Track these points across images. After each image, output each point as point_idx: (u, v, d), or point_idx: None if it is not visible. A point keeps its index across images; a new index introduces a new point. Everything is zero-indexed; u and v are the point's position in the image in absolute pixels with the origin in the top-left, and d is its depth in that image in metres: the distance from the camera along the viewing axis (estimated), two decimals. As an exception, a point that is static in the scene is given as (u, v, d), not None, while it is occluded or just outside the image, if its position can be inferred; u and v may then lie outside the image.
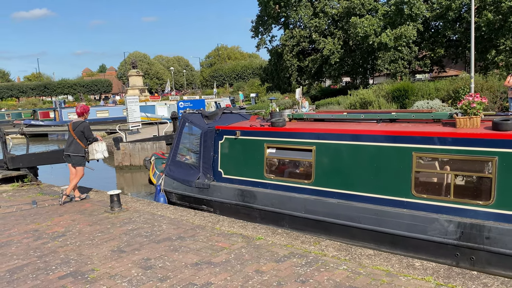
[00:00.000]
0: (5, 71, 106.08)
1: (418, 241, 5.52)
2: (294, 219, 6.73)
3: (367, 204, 5.99)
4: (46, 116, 40.21)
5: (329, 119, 7.53)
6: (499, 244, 4.92)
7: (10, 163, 11.11)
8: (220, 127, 8.02)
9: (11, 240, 6.19)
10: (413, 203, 5.61)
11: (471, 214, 5.18)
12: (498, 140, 5.06)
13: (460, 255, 5.25)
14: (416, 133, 5.70)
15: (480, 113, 5.57)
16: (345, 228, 6.17)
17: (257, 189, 7.26)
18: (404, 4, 30.04)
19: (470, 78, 19.99)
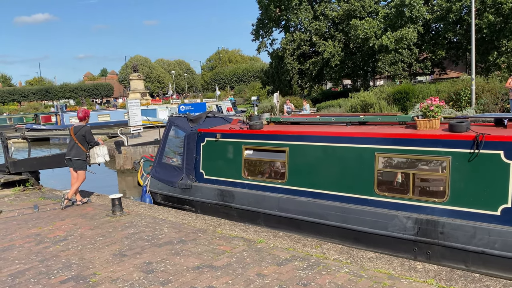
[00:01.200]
0: (6, 76, 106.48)
1: (380, 237, 5.74)
2: (268, 217, 7.00)
3: (334, 202, 6.25)
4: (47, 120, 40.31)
5: (304, 122, 7.81)
6: (451, 239, 5.19)
7: (12, 168, 11.12)
8: (201, 130, 8.31)
9: (13, 244, 6.19)
10: (375, 201, 5.85)
11: (428, 211, 5.42)
12: (451, 141, 5.34)
13: (417, 250, 5.47)
14: (378, 135, 5.97)
15: (439, 116, 5.81)
16: (314, 225, 6.43)
17: (235, 189, 7.55)
18: (404, 7, 30.09)
19: (471, 80, 19.98)
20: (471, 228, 5.05)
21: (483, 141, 5.05)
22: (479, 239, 5.00)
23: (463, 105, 20.07)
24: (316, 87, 43.38)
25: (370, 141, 5.99)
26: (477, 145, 5.09)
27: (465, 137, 5.26)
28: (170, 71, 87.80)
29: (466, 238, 5.09)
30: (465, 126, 5.41)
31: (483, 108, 18.82)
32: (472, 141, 5.15)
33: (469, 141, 5.19)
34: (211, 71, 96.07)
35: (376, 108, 21.78)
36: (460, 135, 5.33)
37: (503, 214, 4.90)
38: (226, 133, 7.88)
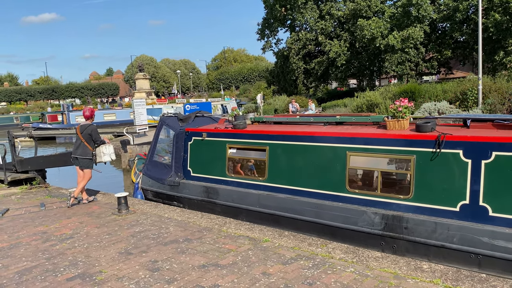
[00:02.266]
0: (13, 75, 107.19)
1: (351, 232, 5.99)
2: (250, 213, 7.26)
3: (309, 199, 6.52)
4: (54, 119, 40.56)
5: (285, 122, 8.03)
6: (415, 234, 5.41)
7: (18, 166, 11.20)
8: (189, 129, 8.59)
9: (20, 242, 6.24)
10: (347, 197, 6.14)
11: (394, 207, 5.67)
12: (415, 140, 5.59)
13: (384, 244, 5.72)
14: (350, 135, 6.26)
15: (407, 117, 6.03)
16: (292, 221, 6.70)
17: (219, 186, 7.83)
18: (411, 6, 29.93)
19: (478, 79, 19.85)
20: (432, 223, 5.28)
21: (444, 141, 5.27)
22: (439, 233, 5.23)
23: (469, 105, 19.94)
24: (322, 86, 43.29)
25: (342, 141, 6.27)
26: (438, 145, 5.31)
27: (428, 137, 5.48)
28: (175, 71, 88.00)
29: (428, 233, 5.31)
30: (430, 127, 5.62)
31: (490, 108, 18.70)
32: (434, 140, 5.37)
33: (431, 141, 5.41)
34: (217, 71, 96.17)
35: (382, 108, 21.68)
36: (423, 135, 5.55)
37: (462, 210, 5.14)
38: (211, 132, 8.17)
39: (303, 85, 41.56)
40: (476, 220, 5.01)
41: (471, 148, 5.11)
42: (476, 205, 5.05)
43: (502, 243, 4.74)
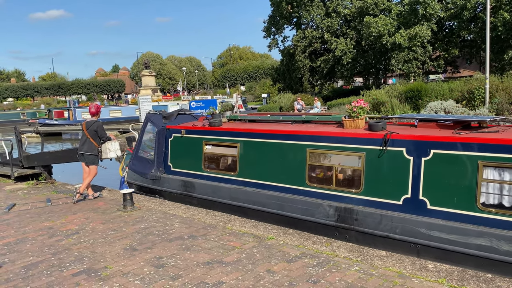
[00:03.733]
0: (20, 71, 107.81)
1: (309, 223, 6.40)
2: (222, 205, 7.69)
3: (273, 192, 6.96)
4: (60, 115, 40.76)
5: (258, 120, 8.59)
6: (363, 225, 5.82)
7: (25, 162, 11.28)
8: (170, 127, 9.03)
9: (26, 237, 6.29)
10: (306, 191, 6.57)
11: (346, 200, 6.08)
12: (365, 139, 5.99)
13: (338, 234, 6.11)
14: (309, 133, 6.68)
15: (362, 116, 6.47)
16: (258, 212, 7.12)
17: (196, 180, 8.29)
18: (418, 4, 29.71)
19: (485, 78, 19.70)
20: (378, 215, 5.68)
21: (389, 139, 5.68)
22: (384, 225, 5.62)
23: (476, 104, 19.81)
24: (327, 84, 43.13)
25: (303, 138, 6.70)
26: (385, 143, 5.72)
27: (376, 136, 5.89)
28: (181, 68, 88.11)
29: (374, 224, 5.71)
30: (381, 126, 6.06)
31: (497, 107, 18.56)
32: (381, 139, 5.77)
33: (379, 139, 5.81)
34: (222, 68, 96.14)
35: (388, 106, 21.58)
36: (372, 134, 5.97)
37: (404, 204, 5.54)
38: (189, 129, 8.62)
39: (308, 83, 41.42)
40: (416, 213, 5.41)
41: (413, 146, 5.51)
42: (416, 199, 5.44)
43: (437, 233, 5.16)
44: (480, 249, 4.82)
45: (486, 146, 4.95)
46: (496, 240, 4.70)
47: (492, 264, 4.75)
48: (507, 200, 4.80)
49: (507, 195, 4.80)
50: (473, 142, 5.05)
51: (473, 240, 4.87)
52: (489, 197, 4.92)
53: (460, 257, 4.97)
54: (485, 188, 4.93)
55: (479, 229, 4.85)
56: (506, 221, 4.74)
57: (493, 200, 4.90)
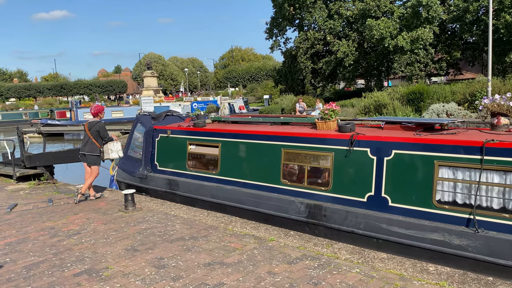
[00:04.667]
0: (23, 71, 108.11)
1: (283, 219, 6.68)
2: (204, 202, 7.98)
3: (251, 190, 7.24)
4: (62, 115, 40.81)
5: (240, 121, 8.89)
6: (331, 221, 6.10)
7: (27, 162, 11.31)
8: (156, 127, 9.33)
9: (27, 237, 6.30)
10: (281, 188, 6.85)
11: (316, 197, 6.37)
12: (334, 139, 6.30)
13: (308, 230, 6.37)
14: (284, 134, 6.99)
15: (333, 118, 6.74)
16: (236, 209, 7.39)
17: (180, 179, 8.58)
18: (420, 7, 29.70)
19: (487, 81, 19.69)
20: (344, 212, 5.97)
21: (355, 140, 5.97)
22: (349, 220, 5.90)
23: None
24: (329, 86, 43.11)
25: (278, 139, 7.01)
26: (351, 143, 6.01)
27: (343, 136, 6.18)
28: (183, 69, 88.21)
29: (341, 220, 5.99)
30: (349, 128, 6.32)
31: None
32: (348, 140, 6.07)
33: (346, 140, 6.11)
34: (224, 69, 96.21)
35: (389, 109, 21.54)
36: (341, 135, 6.26)
37: (368, 201, 5.83)
38: (174, 130, 8.93)
39: (310, 85, 41.44)
40: (378, 209, 5.69)
41: (376, 146, 5.81)
42: (379, 196, 5.73)
43: (396, 229, 5.42)
44: (434, 243, 5.09)
45: (441, 147, 5.24)
46: (448, 234, 4.99)
47: (444, 257, 5.00)
48: (460, 198, 5.09)
49: (459, 192, 5.09)
50: (430, 143, 5.34)
51: (428, 235, 5.14)
52: (444, 195, 5.19)
53: (416, 251, 5.21)
54: (441, 186, 5.21)
55: (433, 225, 5.13)
56: (458, 217, 5.01)
57: (447, 198, 5.18)
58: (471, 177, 4.97)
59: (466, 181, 5.01)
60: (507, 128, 5.58)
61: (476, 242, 4.78)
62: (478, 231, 4.78)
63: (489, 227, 4.76)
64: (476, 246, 4.78)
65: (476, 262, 4.75)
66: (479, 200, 4.90)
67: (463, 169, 5.04)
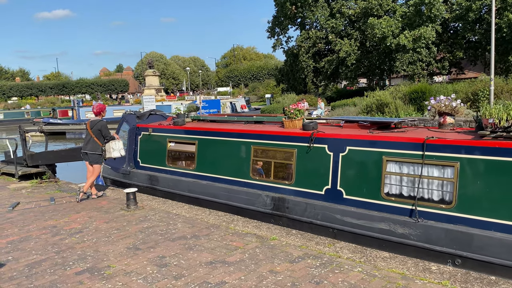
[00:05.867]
0: (25, 70, 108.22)
1: (251, 212, 7.17)
2: (182, 197, 8.45)
3: (224, 184, 7.71)
4: (64, 114, 40.84)
5: (217, 120, 9.46)
6: (293, 212, 6.58)
7: (29, 160, 11.32)
8: (139, 125, 9.80)
9: (30, 235, 6.31)
10: (250, 183, 7.32)
11: (281, 191, 6.84)
12: (296, 137, 6.76)
13: (274, 221, 6.85)
14: (253, 131, 7.45)
15: (298, 117, 7.17)
16: (210, 203, 7.86)
17: (160, 174, 9.07)
18: (423, 5, 29.61)
19: (490, 80, 19.62)
20: (304, 204, 6.44)
21: (315, 137, 6.44)
22: (309, 212, 6.37)
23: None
24: (331, 85, 43.04)
25: (248, 136, 7.46)
26: (311, 140, 6.47)
27: (304, 134, 6.63)
28: (185, 68, 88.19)
29: (301, 211, 6.46)
30: (312, 126, 6.73)
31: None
32: (309, 137, 6.51)
33: (307, 137, 6.55)
34: (226, 68, 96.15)
35: (391, 108, 21.49)
36: (302, 133, 6.70)
37: (326, 193, 6.29)
38: (156, 128, 9.42)
39: (312, 84, 41.38)
40: (334, 201, 6.16)
41: (332, 143, 6.29)
42: (335, 189, 6.19)
43: (349, 219, 5.88)
44: (381, 232, 5.52)
45: (388, 143, 5.70)
46: (393, 224, 5.42)
47: (390, 245, 5.43)
48: (404, 190, 5.51)
49: (404, 186, 5.50)
50: (379, 140, 5.82)
51: (376, 225, 5.58)
52: (391, 188, 5.62)
53: (367, 240, 5.68)
54: (388, 180, 5.63)
55: (381, 215, 5.57)
56: (402, 208, 5.45)
57: (394, 191, 5.60)
58: (414, 171, 5.39)
59: (410, 175, 5.43)
60: (452, 127, 6.15)
61: (417, 231, 5.21)
62: (418, 220, 5.21)
63: (428, 217, 5.21)
64: (416, 234, 5.21)
65: (417, 249, 5.19)
66: (421, 192, 5.31)
67: (407, 164, 5.47)
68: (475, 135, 5.29)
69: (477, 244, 4.74)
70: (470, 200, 4.94)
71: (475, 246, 4.75)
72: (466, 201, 4.95)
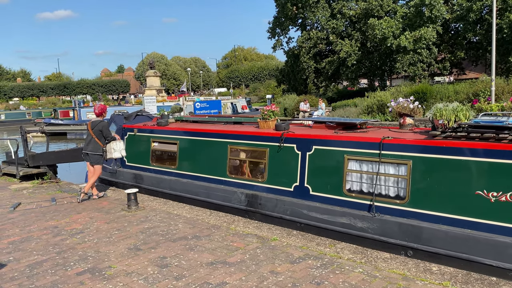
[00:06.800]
0: (26, 71, 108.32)
1: (228, 208, 7.54)
2: (164, 194, 8.82)
3: (203, 182, 8.05)
4: (66, 115, 40.87)
5: (200, 121, 9.89)
6: (265, 208, 6.93)
7: (30, 161, 11.34)
8: (125, 126, 10.13)
9: (31, 236, 6.32)
10: (227, 181, 7.67)
11: (254, 188, 7.19)
12: (268, 137, 7.08)
13: (248, 216, 7.22)
14: (229, 132, 7.78)
15: (272, 118, 7.47)
16: (190, 200, 8.23)
17: (144, 173, 9.43)
18: (423, 6, 29.59)
19: (491, 81, 19.61)
20: (275, 200, 6.79)
21: (285, 137, 6.78)
22: (279, 208, 6.71)
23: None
24: (332, 86, 43.01)
25: (225, 136, 7.79)
26: (282, 140, 6.79)
27: (276, 134, 6.96)
28: (186, 68, 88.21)
29: (272, 207, 6.81)
30: (283, 126, 7.07)
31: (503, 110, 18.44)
32: (279, 137, 6.83)
33: (278, 137, 6.89)
34: (227, 69, 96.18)
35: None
36: (275, 133, 7.01)
37: (294, 190, 6.63)
38: (140, 128, 9.77)
39: (313, 85, 41.35)
40: (302, 198, 6.48)
41: (301, 143, 6.61)
42: (302, 186, 6.52)
43: (314, 214, 6.22)
44: (343, 226, 5.88)
45: (349, 143, 6.05)
46: (353, 218, 5.76)
47: (351, 238, 5.80)
48: (364, 187, 5.84)
49: (364, 182, 5.83)
50: (341, 140, 6.16)
51: (339, 219, 5.92)
52: (352, 184, 5.96)
53: (330, 233, 6.05)
54: (350, 177, 5.98)
55: (343, 210, 5.91)
56: (362, 203, 5.78)
57: (355, 187, 5.94)
58: (372, 169, 5.74)
59: (369, 172, 5.78)
60: (411, 127, 6.51)
61: (374, 225, 5.55)
62: (375, 215, 5.53)
63: (384, 211, 5.54)
64: (373, 228, 5.55)
65: (374, 241, 5.54)
66: (378, 188, 5.65)
67: (366, 162, 5.81)
68: (428, 135, 5.60)
69: (426, 237, 5.08)
70: (421, 195, 5.27)
71: (424, 239, 5.10)
72: (418, 197, 5.29)
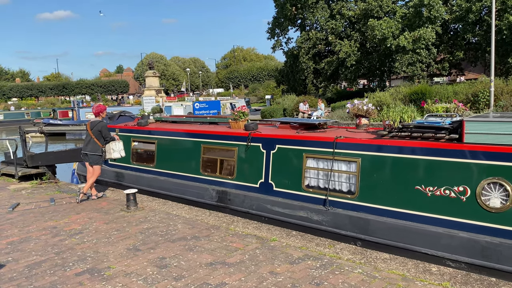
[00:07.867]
0: (25, 71, 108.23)
1: (201, 203, 7.97)
2: (142, 191, 9.01)
3: (178, 180, 8.50)
4: (65, 115, 40.84)
5: (178, 121, 10.34)
6: (233, 203, 7.40)
7: (29, 161, 11.32)
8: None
9: (30, 236, 6.30)
10: (200, 178, 8.09)
11: (225, 185, 7.63)
12: (237, 136, 7.50)
13: (219, 211, 7.67)
14: (203, 132, 8.19)
15: (242, 119, 7.85)
16: (167, 196, 8.68)
17: (125, 171, 9.87)
18: (423, 7, 29.62)
19: (490, 81, 19.63)
20: (242, 196, 7.25)
21: (252, 137, 7.19)
22: (246, 203, 7.16)
23: (481, 107, 19.73)
24: (331, 86, 43.03)
25: (199, 136, 8.22)
26: (249, 140, 7.21)
27: (244, 134, 7.34)
28: (185, 69, 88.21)
29: (240, 202, 7.28)
30: (252, 127, 7.52)
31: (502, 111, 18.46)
32: (246, 137, 7.24)
33: (245, 137, 7.28)
34: (226, 69, 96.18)
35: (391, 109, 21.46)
36: (243, 133, 7.41)
37: (260, 186, 7.09)
38: (122, 128, 10.17)
39: (312, 85, 41.36)
40: (266, 193, 6.95)
41: (265, 142, 7.05)
42: (267, 183, 6.98)
43: (277, 208, 6.68)
44: (301, 219, 6.33)
45: (308, 142, 6.48)
46: (310, 212, 6.21)
47: (308, 230, 6.29)
48: (320, 183, 6.30)
49: (320, 179, 6.30)
50: (301, 139, 6.57)
51: (297, 213, 6.37)
52: (310, 181, 6.42)
53: (290, 225, 6.50)
54: (308, 174, 6.44)
55: (301, 205, 6.35)
56: (318, 198, 6.24)
57: (312, 183, 6.40)
58: (327, 166, 6.19)
59: (324, 169, 6.23)
60: (366, 127, 7.00)
61: (328, 218, 6.03)
62: (329, 209, 6.01)
63: (337, 205, 6.01)
64: (327, 221, 6.02)
65: (328, 233, 6.04)
66: (332, 184, 6.10)
67: (322, 160, 6.27)
68: (377, 135, 6.04)
69: (372, 228, 5.54)
70: (369, 190, 5.73)
71: (371, 230, 5.56)
72: (366, 192, 5.75)
